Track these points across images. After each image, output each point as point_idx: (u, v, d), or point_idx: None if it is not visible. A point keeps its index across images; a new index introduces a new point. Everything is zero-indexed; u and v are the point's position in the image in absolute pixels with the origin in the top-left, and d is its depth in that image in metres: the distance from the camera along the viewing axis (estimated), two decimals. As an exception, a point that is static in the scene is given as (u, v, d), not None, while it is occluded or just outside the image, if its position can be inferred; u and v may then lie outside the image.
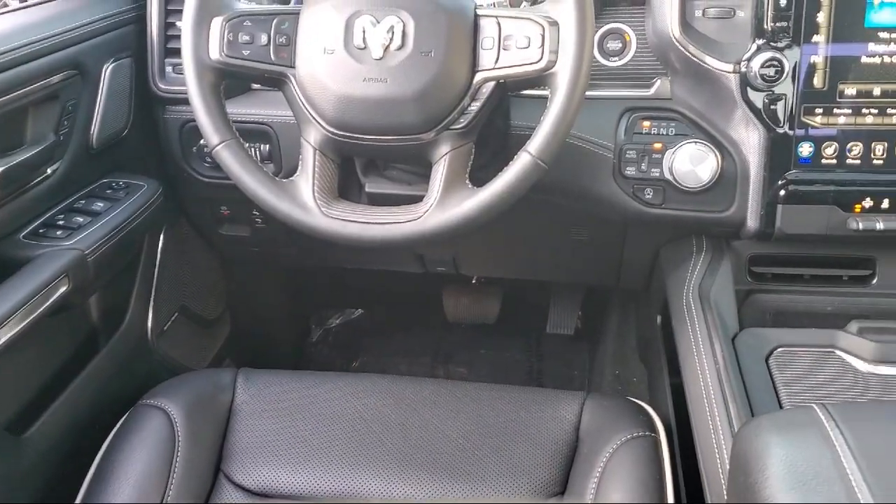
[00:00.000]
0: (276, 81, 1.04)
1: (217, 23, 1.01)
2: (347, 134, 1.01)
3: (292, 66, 1.02)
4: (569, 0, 0.94)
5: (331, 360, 2.07)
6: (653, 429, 1.11)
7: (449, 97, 0.98)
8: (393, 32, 0.97)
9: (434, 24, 0.97)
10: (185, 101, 1.07)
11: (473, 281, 1.95)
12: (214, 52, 1.01)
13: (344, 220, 1.02)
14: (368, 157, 1.22)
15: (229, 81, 1.06)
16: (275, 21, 1.02)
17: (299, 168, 1.05)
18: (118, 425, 1.16)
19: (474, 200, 0.99)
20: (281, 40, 1.01)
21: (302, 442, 1.13)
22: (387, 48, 0.97)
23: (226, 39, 1.01)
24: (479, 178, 1.02)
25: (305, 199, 1.03)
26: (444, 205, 1.00)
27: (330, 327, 2.16)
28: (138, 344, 1.41)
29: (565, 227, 1.47)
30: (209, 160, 1.34)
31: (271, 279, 1.89)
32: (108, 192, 1.26)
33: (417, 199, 1.03)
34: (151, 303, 1.43)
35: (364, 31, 0.98)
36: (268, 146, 1.32)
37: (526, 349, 2.06)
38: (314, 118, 1.02)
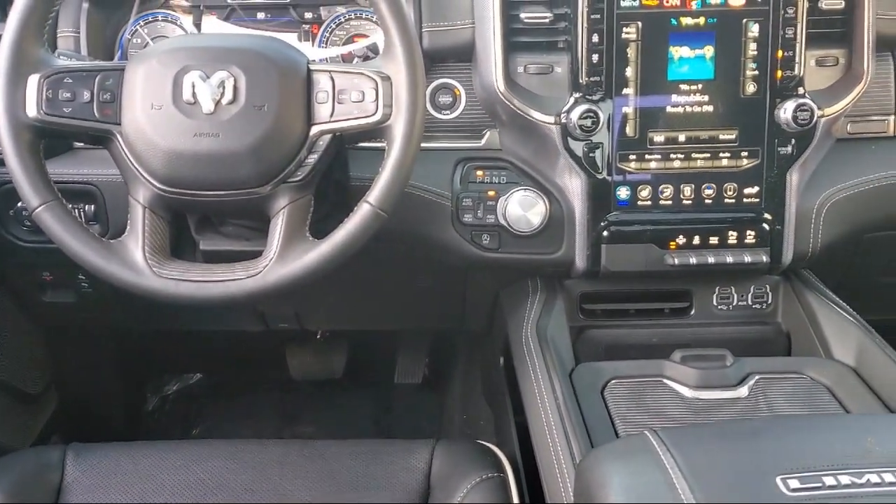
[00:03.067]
0: (101, 139, 1.00)
1: (34, 80, 0.96)
2: (179, 190, 0.99)
3: (118, 123, 0.98)
4: (400, 56, 0.98)
5: (169, 430, 1.96)
6: (501, 469, 1.13)
7: (284, 150, 0.98)
8: (224, 87, 0.96)
9: (266, 79, 0.97)
10: (1, 162, 1.00)
11: (318, 336, 1.93)
12: (32, 110, 0.96)
13: (178, 280, 0.99)
14: (202, 214, 1.19)
15: (50, 141, 1.00)
16: (98, 77, 0.99)
17: (128, 228, 1.01)
18: None
19: (315, 252, 0.99)
20: (105, 97, 0.98)
21: (141, 517, 1.06)
22: (218, 103, 0.96)
23: (44, 97, 0.96)
24: (320, 230, 1.02)
25: (135, 260, 0.99)
26: (284, 258, 0.99)
27: (167, 395, 2.05)
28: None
29: (409, 275, 1.49)
30: (28, 223, 1.26)
31: (101, 347, 1.78)
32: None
33: (256, 255, 1.01)
34: None
35: (194, 86, 0.96)
36: (93, 206, 1.25)
37: (374, 402, 2.05)
38: (143, 175, 0.98)
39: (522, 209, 1.20)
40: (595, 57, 1.15)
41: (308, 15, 1.31)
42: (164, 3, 1.31)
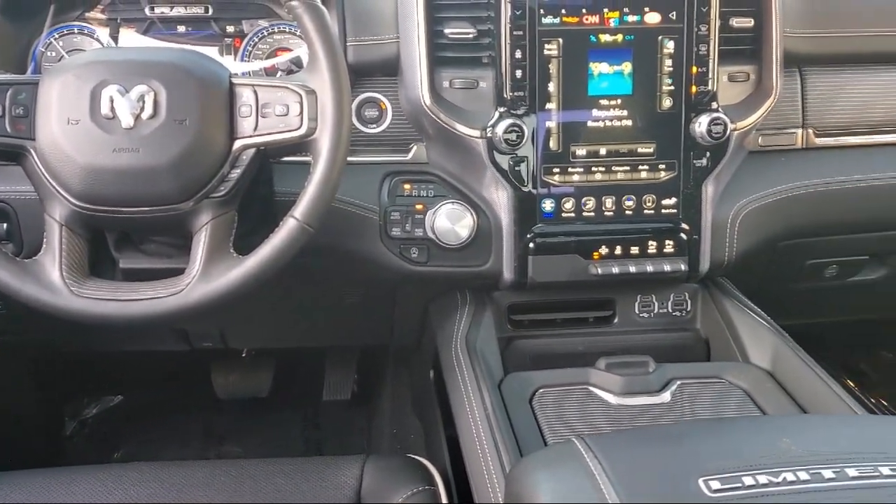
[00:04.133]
0: (14, 155, 0.97)
1: None
2: (97, 207, 0.96)
3: (32, 139, 0.95)
4: (325, 70, 0.98)
5: (89, 454, 1.89)
6: (432, 482, 1.13)
7: (207, 165, 0.97)
8: (144, 101, 0.94)
9: (187, 93, 0.96)
10: None
11: (243, 354, 1.89)
12: None
13: (97, 299, 0.96)
14: (122, 231, 1.16)
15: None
16: (9, 91, 0.95)
17: (44, 246, 0.98)
18: None
19: (240, 269, 0.97)
20: (18, 111, 0.95)
21: (59, 546, 1.02)
22: (138, 117, 0.94)
23: None
24: (245, 246, 1.01)
25: (52, 279, 0.96)
26: (208, 275, 0.97)
27: (86, 418, 1.98)
28: None
29: (336, 291, 1.48)
30: (-66, 243, 1.20)
31: (15, 370, 1.70)
32: None
33: (178, 273, 0.99)
34: None
35: (112, 101, 0.94)
36: (5, 225, 1.21)
37: (303, 420, 2.02)
38: (59, 192, 0.95)
39: (450, 222, 1.21)
40: (518, 72, 1.17)
41: (230, 28, 1.30)
42: (80, 15, 1.28)
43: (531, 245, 1.21)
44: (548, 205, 1.21)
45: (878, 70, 1.36)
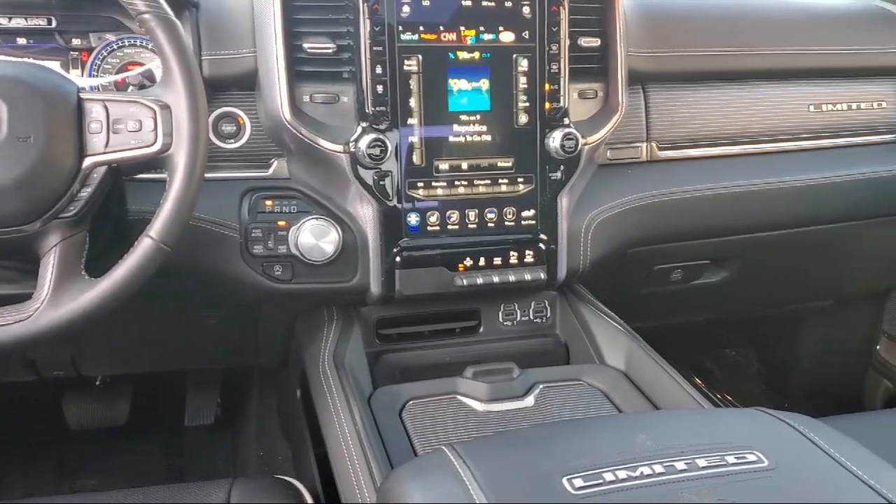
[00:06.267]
0: None
1: None
2: (-71, 230, 0.89)
3: None
4: (179, 84, 0.95)
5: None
6: (302, 501, 1.11)
7: (54, 184, 0.92)
8: (-17, 118, 0.88)
9: (31, 109, 0.91)
10: None
11: (98, 382, 1.80)
12: None
13: (-67, 328, 0.89)
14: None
15: None
16: None
17: None
18: None
19: (93, 292, 0.93)
20: None
21: None
22: (-24, 135, 0.88)
23: None
24: (97, 267, 0.96)
25: None
26: (57, 300, 0.92)
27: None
28: None
29: (196, 312, 1.44)
30: None
31: None
32: None
33: (25, 298, 0.93)
34: None
35: (-53, 118, 0.88)
36: None
37: (164, 446, 1.94)
38: None
39: (315, 238, 1.20)
40: (380, 88, 1.18)
41: (76, 41, 1.23)
42: None
43: (398, 259, 1.22)
44: (413, 219, 1.23)
45: (716, 87, 1.47)
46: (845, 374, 2.08)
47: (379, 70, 1.17)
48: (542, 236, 1.28)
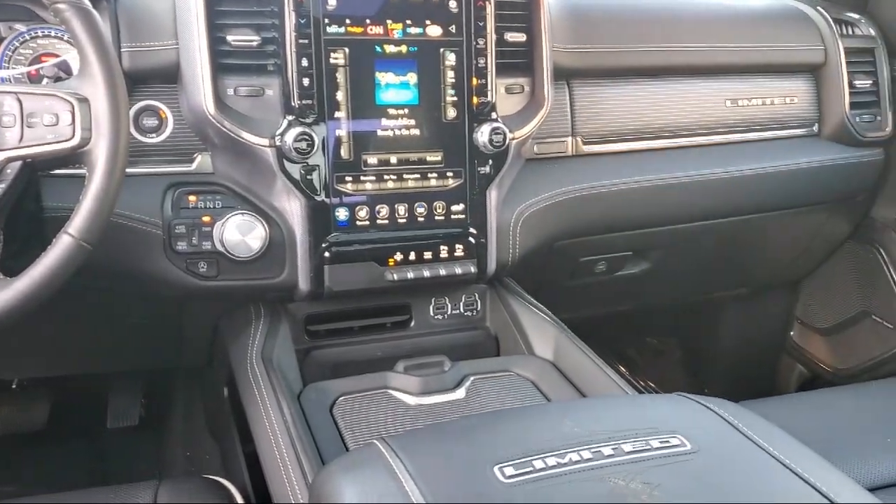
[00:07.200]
0: None
1: None
2: None
3: None
4: (98, 77, 0.92)
5: None
6: (232, 500, 1.10)
7: (-36, 180, 0.88)
8: None
9: None
10: None
11: (14, 385, 1.73)
12: None
13: None
14: None
15: None
16: None
17: None
18: None
19: (9, 292, 0.90)
20: None
21: None
22: None
23: None
24: (13, 267, 0.93)
25: None
26: (-30, 300, 0.88)
27: None
28: None
29: (118, 311, 1.40)
30: None
31: None
32: None
33: (-66, 299, 0.89)
34: None
35: None
36: None
37: (86, 450, 1.88)
38: None
39: (240, 234, 1.18)
40: (306, 81, 1.16)
41: (-16, 31, 1.18)
42: None
43: (327, 254, 1.21)
44: (342, 213, 1.22)
45: (638, 82, 1.51)
46: (761, 359, 2.17)
47: (305, 63, 1.16)
48: (472, 230, 1.29)
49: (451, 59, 1.24)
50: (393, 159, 1.23)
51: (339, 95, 1.19)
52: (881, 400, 1.46)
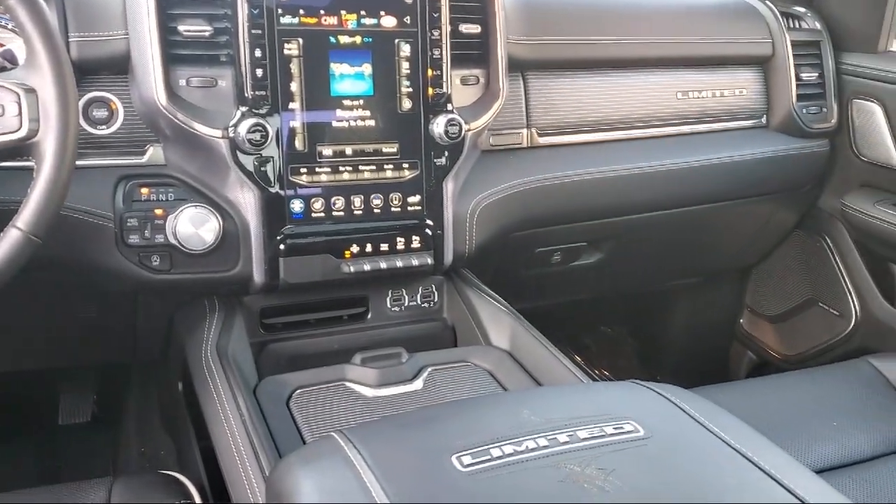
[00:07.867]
0: None
1: None
2: None
3: None
4: (45, 67, 0.90)
5: None
6: (188, 496, 1.09)
7: None
8: None
9: None
10: None
11: (-41, 383, 1.68)
12: None
13: None
14: None
15: None
16: None
17: None
18: None
19: (-47, 287, 0.87)
20: None
21: None
22: None
23: None
24: (-43, 261, 0.90)
25: None
26: (-87, 296, 0.86)
27: None
28: None
29: (69, 306, 1.37)
30: None
31: None
32: None
33: None
34: None
35: None
36: None
37: (36, 448, 1.84)
38: None
39: (194, 226, 1.17)
40: (259, 71, 1.15)
41: (-76, 18, 1.15)
42: None
43: (282, 247, 1.21)
44: (297, 205, 1.21)
45: (591, 74, 1.52)
46: (712, 346, 2.22)
47: (258, 53, 1.15)
48: (429, 221, 1.29)
49: (405, 49, 1.24)
50: (348, 150, 1.23)
51: (293, 86, 1.18)
52: (828, 385, 1.50)
